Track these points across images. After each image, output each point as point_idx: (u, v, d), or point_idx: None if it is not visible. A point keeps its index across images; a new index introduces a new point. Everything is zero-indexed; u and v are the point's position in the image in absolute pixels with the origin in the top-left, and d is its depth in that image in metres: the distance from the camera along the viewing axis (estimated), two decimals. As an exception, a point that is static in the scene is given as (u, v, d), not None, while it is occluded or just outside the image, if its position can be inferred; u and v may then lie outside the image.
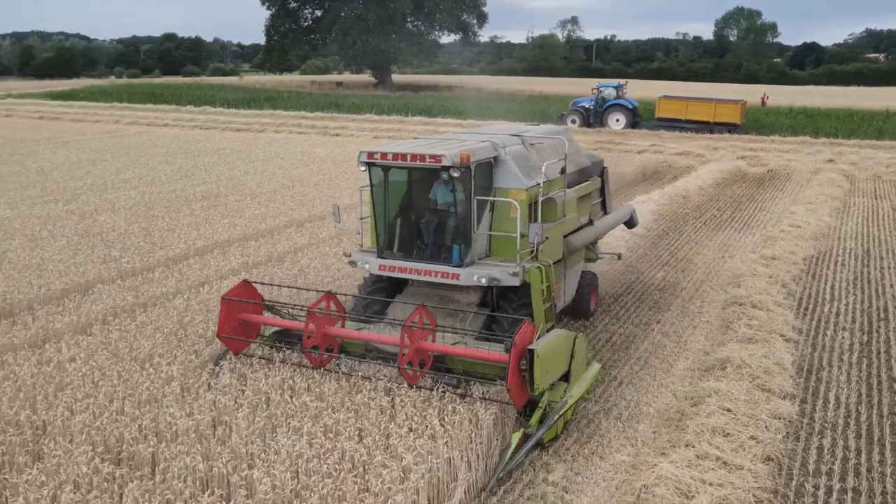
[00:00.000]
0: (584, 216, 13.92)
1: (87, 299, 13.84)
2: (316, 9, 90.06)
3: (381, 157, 11.12)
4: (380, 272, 11.69)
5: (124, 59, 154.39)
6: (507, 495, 8.78)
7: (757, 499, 8.36)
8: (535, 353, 9.06)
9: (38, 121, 52.03)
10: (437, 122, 50.98)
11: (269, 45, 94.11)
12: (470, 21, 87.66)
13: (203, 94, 70.54)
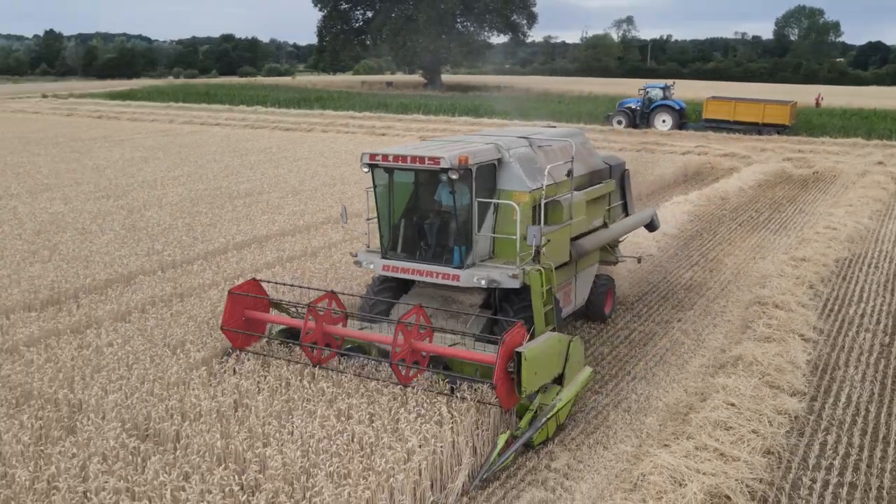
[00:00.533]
0: (597, 219, 13.91)
1: (129, 289, 14.58)
2: (367, 10, 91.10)
3: (383, 158, 11.29)
4: (383, 272, 11.89)
5: (183, 60, 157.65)
6: (510, 480, 9.17)
7: (751, 489, 8.59)
8: (522, 356, 9.16)
9: (97, 120, 53.77)
10: (483, 122, 51.33)
11: (320, 46, 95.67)
12: (520, 21, 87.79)
13: (255, 94, 71.96)
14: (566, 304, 13.11)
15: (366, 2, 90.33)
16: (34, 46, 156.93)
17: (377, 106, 61.71)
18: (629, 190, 15.67)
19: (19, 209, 21.97)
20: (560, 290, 12.66)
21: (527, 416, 9.58)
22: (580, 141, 13.81)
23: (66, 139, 40.68)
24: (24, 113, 58.93)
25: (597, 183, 13.82)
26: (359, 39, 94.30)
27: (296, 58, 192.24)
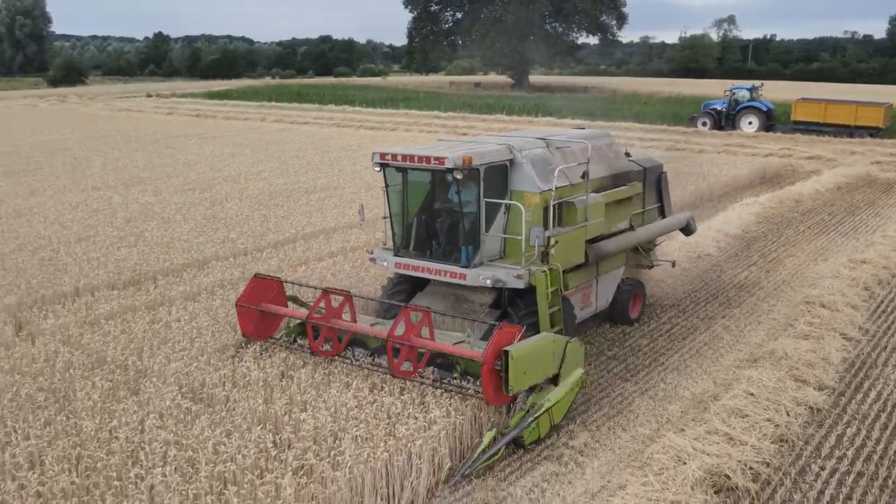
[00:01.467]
0: (621, 222, 13.79)
1: (201, 272, 15.81)
2: (457, 11, 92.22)
3: (392, 158, 11.54)
4: (396, 269, 12.23)
5: (282, 61, 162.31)
6: (527, 454, 9.78)
7: (754, 472, 8.97)
8: (509, 355, 9.27)
9: (195, 118, 56.49)
10: (566, 123, 51.48)
11: (410, 47, 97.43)
12: (609, 22, 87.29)
13: (344, 94, 73.99)
14: (586, 307, 13.12)
15: (455, 3, 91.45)
16: (143, 48, 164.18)
17: (462, 106, 62.59)
18: (667, 193, 15.51)
19: (114, 200, 23.74)
20: (578, 292, 12.76)
21: (517, 415, 9.73)
22: (605, 143, 13.75)
23: (164, 136, 43.08)
24: (128, 111, 62.38)
25: (621, 185, 13.63)
26: (448, 40, 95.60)
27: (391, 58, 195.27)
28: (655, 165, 15.18)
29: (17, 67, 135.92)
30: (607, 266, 13.52)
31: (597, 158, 12.97)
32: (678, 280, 17.20)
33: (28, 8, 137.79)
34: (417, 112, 59.78)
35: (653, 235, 14.99)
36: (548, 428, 9.98)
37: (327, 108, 62.64)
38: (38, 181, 27.46)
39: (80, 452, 8.53)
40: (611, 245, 13.14)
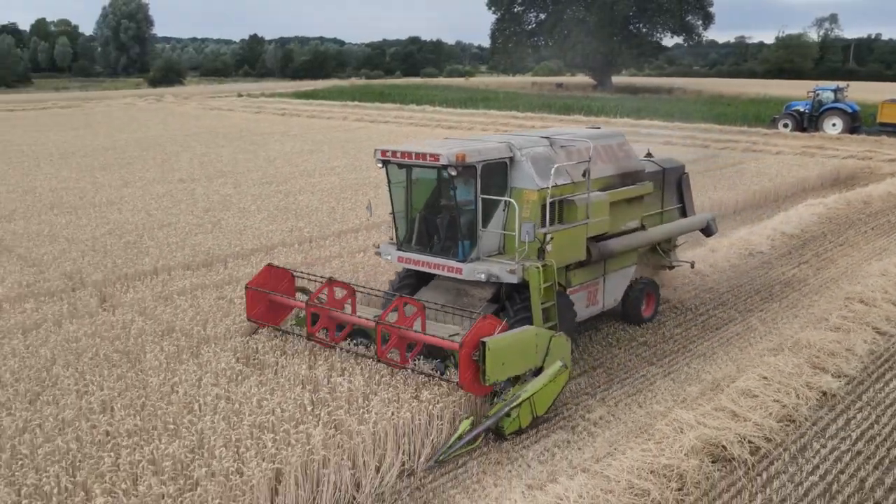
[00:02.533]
0: (631, 221, 13.74)
1: (268, 257, 17.08)
2: (540, 12, 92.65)
3: (392, 154, 11.84)
4: (399, 263, 12.66)
5: (371, 62, 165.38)
6: (545, 424, 10.56)
7: (753, 445, 9.55)
8: (486, 346, 9.59)
9: (281, 117, 58.79)
10: (644, 124, 51.52)
11: (493, 48, 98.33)
12: (694, 22, 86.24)
13: (426, 94, 75.45)
14: (592, 304, 13.24)
15: (539, 4, 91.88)
16: (239, 50, 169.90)
17: (541, 107, 63.12)
18: (688, 193, 15.59)
19: (196, 191, 25.49)
20: (583, 290, 12.93)
21: (498, 405, 10.00)
22: (616, 142, 13.70)
23: (249, 133, 45.21)
24: (219, 110, 65.29)
25: (630, 184, 13.56)
26: (531, 41, 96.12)
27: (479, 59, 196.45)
28: (676, 166, 15.32)
29: (121, 69, 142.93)
30: (616, 264, 13.59)
31: (604, 157, 13.08)
32: (724, 275, 17.58)
33: (132, 12, 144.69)
34: (496, 112, 60.59)
35: (666, 235, 14.91)
36: (529, 419, 10.17)
37: (408, 107, 64.12)
38: (131, 174, 29.57)
39: (144, 402, 9.78)
40: (617, 244, 13.18)
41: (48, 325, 12.87)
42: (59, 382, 10.40)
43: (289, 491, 8.24)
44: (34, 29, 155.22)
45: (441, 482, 9.13)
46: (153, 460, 8.34)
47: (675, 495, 8.56)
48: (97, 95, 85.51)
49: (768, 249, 19.89)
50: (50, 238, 19.04)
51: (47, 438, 8.79)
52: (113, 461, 8.28)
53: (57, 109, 66.69)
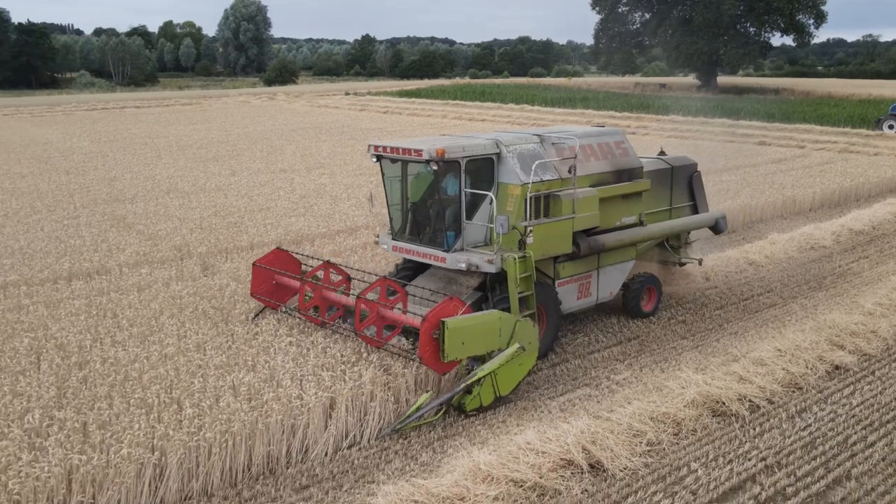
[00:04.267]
0: (627, 217, 13.99)
1: (350, 237, 19.01)
2: (645, 12, 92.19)
3: (383, 150, 12.57)
4: (393, 252, 13.45)
5: (479, 62, 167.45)
6: (571, 382, 11.94)
7: (752, 403, 10.66)
8: (445, 325, 10.24)
9: (383, 115, 61.26)
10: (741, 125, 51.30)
11: (596, 49, 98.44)
12: (805, 21, 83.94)
13: (526, 94, 76.60)
14: (584, 296, 13.67)
15: (644, 4, 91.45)
16: (351, 50, 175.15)
17: (639, 107, 63.36)
18: (700, 191, 15.90)
19: (295, 180, 27.82)
20: (574, 282, 13.38)
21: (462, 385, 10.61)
22: (613, 140, 13.96)
23: (350, 129, 47.72)
24: (326, 108, 68.45)
25: (626, 181, 13.86)
26: (636, 41, 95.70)
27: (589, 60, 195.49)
28: (686, 165, 15.68)
29: (239, 69, 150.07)
30: (611, 259, 13.92)
31: (597, 155, 13.50)
32: (778, 266, 18.32)
33: (252, 14, 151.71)
34: (593, 112, 61.20)
35: (667, 231, 15.03)
36: (491, 398, 10.76)
37: (507, 106, 65.44)
38: (239, 164, 32.29)
39: (230, 345, 11.71)
40: (609, 238, 13.49)
41: (158, 285, 15.11)
42: (164, 328, 12.49)
43: (339, 416, 9.96)
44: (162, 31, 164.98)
45: (470, 420, 10.64)
46: (233, 386, 10.21)
47: (671, 438, 9.82)
48: (216, 93, 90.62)
49: (831, 244, 20.41)
50: (165, 217, 21.59)
51: (152, 367, 10.81)
52: (201, 385, 10.19)
53: (179, 106, 71.41)
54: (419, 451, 9.85)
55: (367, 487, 8.88)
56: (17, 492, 7.82)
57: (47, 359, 11.17)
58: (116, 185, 27.28)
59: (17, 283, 15.27)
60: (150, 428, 9.02)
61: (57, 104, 72.57)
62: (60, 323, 12.78)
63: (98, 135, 45.72)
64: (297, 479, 9.19)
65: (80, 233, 19.78)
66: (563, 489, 8.67)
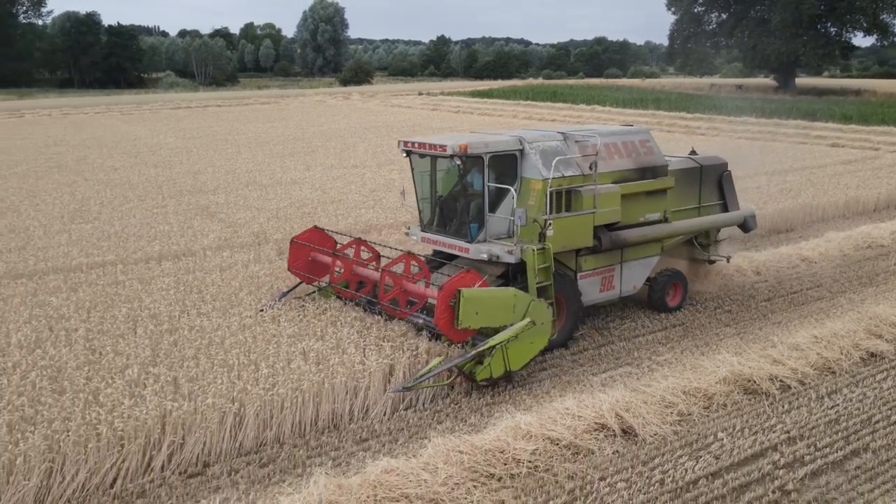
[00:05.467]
0: (651, 213, 14.34)
1: (416, 227, 20.12)
2: (722, 12, 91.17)
3: (412, 145, 13.33)
4: (422, 242, 14.29)
5: (554, 62, 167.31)
6: (613, 361, 12.78)
7: (783, 383, 11.33)
8: (461, 293, 10.86)
9: (454, 114, 62.41)
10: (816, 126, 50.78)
11: (671, 49, 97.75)
12: (890, 21, 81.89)
13: (597, 94, 76.77)
14: (607, 290, 14.11)
15: (721, 4, 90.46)
16: (426, 51, 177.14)
17: (711, 108, 62.98)
18: (730, 190, 16.12)
19: (366, 175, 29.21)
20: (596, 275, 13.84)
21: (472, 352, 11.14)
22: (640, 139, 14.38)
23: (421, 128, 49.03)
24: (399, 107, 70.07)
25: (649, 178, 14.22)
26: (712, 42, 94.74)
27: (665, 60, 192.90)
28: (716, 164, 15.91)
29: (317, 69, 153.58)
30: (635, 254, 14.31)
31: (621, 152, 13.94)
32: (832, 263, 18.65)
33: (330, 16, 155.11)
34: (664, 113, 61.12)
35: (693, 228, 15.30)
36: (501, 370, 11.25)
37: (578, 107, 65.81)
38: (313, 160, 33.90)
39: (302, 318, 12.92)
40: (632, 234, 13.89)
41: (238, 266, 16.52)
42: (243, 303, 13.81)
43: (398, 381, 11.05)
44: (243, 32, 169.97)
45: (517, 389, 11.59)
46: (303, 352, 11.40)
47: (701, 410, 10.61)
48: (293, 93, 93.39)
49: (889, 243, 20.56)
50: (244, 207, 23.16)
51: (232, 334, 12.10)
52: (275, 350, 11.41)
53: (258, 105, 74.05)
54: (468, 414, 10.85)
55: (419, 442, 9.92)
56: (122, 429, 9.12)
57: (142, 325, 12.61)
58: (200, 178, 29.12)
59: (114, 262, 16.91)
60: (231, 383, 10.25)
61: (144, 103, 76.08)
62: (153, 296, 14.25)
63: (182, 131, 48.20)
64: (357, 433, 10.31)
65: (168, 220, 21.47)
66: (595, 449, 9.56)
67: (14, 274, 16.07)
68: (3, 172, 31.21)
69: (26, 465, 8.47)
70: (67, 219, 21.78)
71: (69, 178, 29.63)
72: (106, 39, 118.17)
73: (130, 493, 8.89)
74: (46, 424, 9.06)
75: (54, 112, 66.18)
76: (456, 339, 11.48)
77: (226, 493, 8.81)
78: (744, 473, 9.17)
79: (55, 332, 12.28)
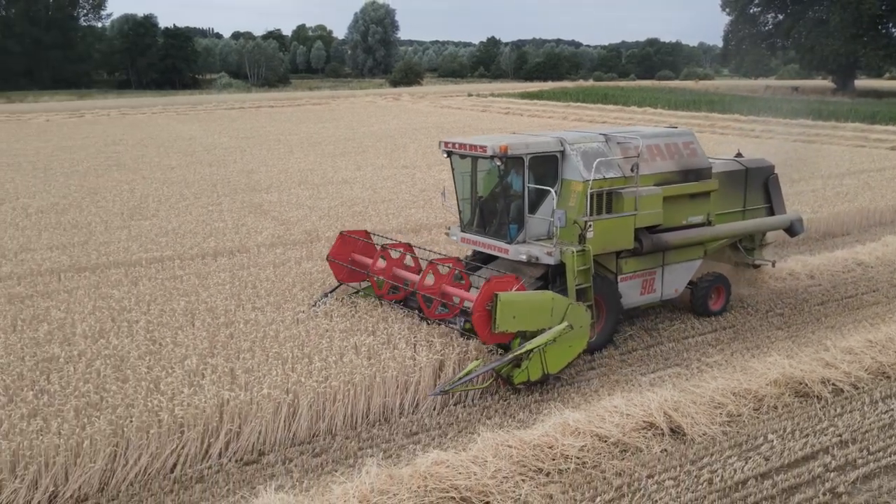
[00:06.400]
0: (694, 216, 14.15)
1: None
2: (778, 13, 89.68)
3: (453, 146, 13.36)
4: (462, 243, 14.25)
5: (605, 64, 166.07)
6: (661, 362, 12.78)
7: (834, 386, 11.22)
8: (497, 297, 10.83)
9: (504, 115, 62.46)
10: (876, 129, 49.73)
11: (725, 50, 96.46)
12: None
13: (648, 96, 76.02)
14: (648, 292, 13.94)
15: (777, 5, 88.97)
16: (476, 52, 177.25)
17: (767, 110, 61.98)
18: (777, 193, 15.80)
19: (416, 175, 29.51)
20: (637, 277, 13.66)
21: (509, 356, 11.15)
22: (683, 141, 14.15)
23: (471, 129, 49.20)
24: (448, 108, 70.35)
25: (692, 181, 14.04)
26: (768, 43, 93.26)
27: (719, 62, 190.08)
28: (762, 167, 15.64)
29: (367, 70, 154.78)
30: (677, 257, 14.09)
31: (663, 154, 13.76)
32: (889, 267, 18.29)
33: (381, 17, 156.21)
34: (718, 115, 60.31)
35: (737, 232, 15.05)
36: (539, 373, 11.21)
37: (629, 109, 65.32)
38: (364, 159, 34.31)
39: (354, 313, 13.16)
40: (674, 237, 13.69)
41: (291, 263, 16.87)
42: (296, 298, 14.13)
43: (447, 376, 11.22)
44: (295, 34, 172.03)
45: (565, 387, 11.68)
46: (355, 346, 11.63)
47: (751, 412, 10.57)
48: (344, 94, 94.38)
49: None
50: (296, 206, 23.59)
51: (286, 328, 12.40)
52: (328, 344, 11.67)
53: (309, 106, 75.02)
54: (517, 410, 10.98)
55: (468, 436, 10.06)
56: (181, 417, 9.45)
57: (200, 318, 13.00)
58: (253, 177, 29.70)
59: (171, 257, 17.41)
60: (286, 375, 10.53)
61: (199, 103, 77.59)
62: (209, 290, 14.65)
63: (236, 131, 49.11)
64: (407, 427, 10.51)
65: (223, 217, 21.98)
66: (643, 447, 9.61)
67: (78, 267, 16.65)
68: (66, 170, 32.24)
69: (92, 448, 8.84)
70: (127, 215, 22.44)
71: (128, 176, 30.48)
72: (162, 41, 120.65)
73: (189, 478, 9.20)
74: (111, 410, 9.44)
75: (113, 112, 67.96)
76: (491, 342, 11.45)
77: (280, 481, 9.08)
78: (794, 475, 9.14)
79: (117, 323, 12.74)
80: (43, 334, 12.21)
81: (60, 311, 13.41)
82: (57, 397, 9.84)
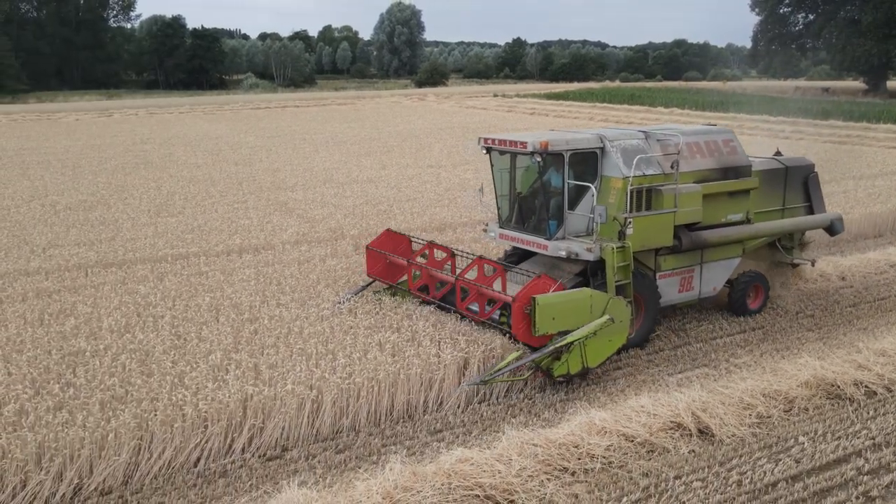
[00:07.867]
0: (733, 214, 14.08)
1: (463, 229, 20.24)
2: (809, 13, 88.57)
3: (493, 142, 13.31)
4: (500, 240, 14.11)
5: (632, 65, 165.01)
6: (691, 362, 12.60)
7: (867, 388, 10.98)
8: (535, 301, 10.91)
9: (529, 115, 62.26)
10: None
11: (753, 51, 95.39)
12: None
13: (675, 97, 75.43)
14: (686, 290, 13.91)
15: (808, 5, 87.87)
16: (501, 53, 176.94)
17: (796, 111, 61.21)
18: (816, 192, 15.63)
19: (441, 174, 29.44)
20: (675, 275, 13.64)
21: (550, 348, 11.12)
22: (723, 138, 14.08)
23: (496, 129, 49.04)
24: (474, 108, 70.23)
25: (730, 178, 13.90)
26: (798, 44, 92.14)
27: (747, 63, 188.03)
28: (802, 165, 15.51)
29: (392, 71, 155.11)
30: (715, 255, 14.05)
31: (703, 152, 13.70)
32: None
33: (406, 18, 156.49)
34: (746, 116, 59.58)
35: (776, 231, 14.93)
36: (578, 367, 11.21)
37: (655, 109, 64.85)
38: (389, 159, 34.30)
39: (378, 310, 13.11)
40: (713, 234, 13.66)
41: (315, 260, 16.86)
42: (321, 295, 14.10)
43: (472, 374, 11.12)
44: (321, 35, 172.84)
45: (591, 387, 11.54)
46: (379, 343, 11.57)
47: (781, 413, 10.38)
48: (369, 94, 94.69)
49: None
50: (321, 204, 23.61)
51: (311, 325, 12.37)
52: (352, 341, 11.62)
53: (335, 106, 75.26)
54: (542, 409, 10.86)
55: (493, 435, 9.96)
56: (206, 411, 9.44)
57: (224, 314, 13.01)
58: (279, 176, 29.79)
59: (197, 253, 17.46)
60: (310, 371, 10.49)
61: (225, 103, 78.16)
62: (234, 287, 14.67)
63: (262, 131, 49.36)
64: (431, 424, 10.43)
65: (249, 215, 22.04)
66: (671, 448, 9.46)
67: (105, 263, 16.76)
68: (94, 168, 32.56)
69: (117, 441, 8.85)
70: (154, 212, 22.58)
71: (155, 174, 30.71)
72: (190, 42, 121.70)
73: (213, 473, 9.19)
74: (136, 404, 9.46)
75: (141, 112, 68.67)
76: (534, 345, 11.36)
77: (303, 477, 9.03)
78: (826, 478, 8.94)
79: (143, 318, 12.79)
80: (69, 328, 12.28)
81: (87, 306, 13.50)
82: (83, 390, 9.87)
